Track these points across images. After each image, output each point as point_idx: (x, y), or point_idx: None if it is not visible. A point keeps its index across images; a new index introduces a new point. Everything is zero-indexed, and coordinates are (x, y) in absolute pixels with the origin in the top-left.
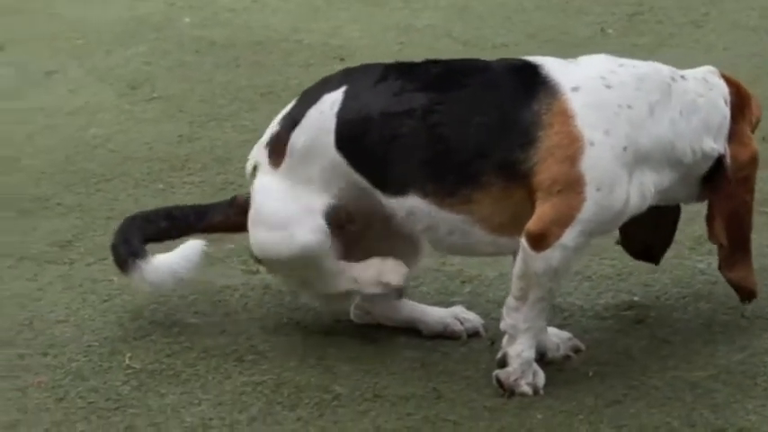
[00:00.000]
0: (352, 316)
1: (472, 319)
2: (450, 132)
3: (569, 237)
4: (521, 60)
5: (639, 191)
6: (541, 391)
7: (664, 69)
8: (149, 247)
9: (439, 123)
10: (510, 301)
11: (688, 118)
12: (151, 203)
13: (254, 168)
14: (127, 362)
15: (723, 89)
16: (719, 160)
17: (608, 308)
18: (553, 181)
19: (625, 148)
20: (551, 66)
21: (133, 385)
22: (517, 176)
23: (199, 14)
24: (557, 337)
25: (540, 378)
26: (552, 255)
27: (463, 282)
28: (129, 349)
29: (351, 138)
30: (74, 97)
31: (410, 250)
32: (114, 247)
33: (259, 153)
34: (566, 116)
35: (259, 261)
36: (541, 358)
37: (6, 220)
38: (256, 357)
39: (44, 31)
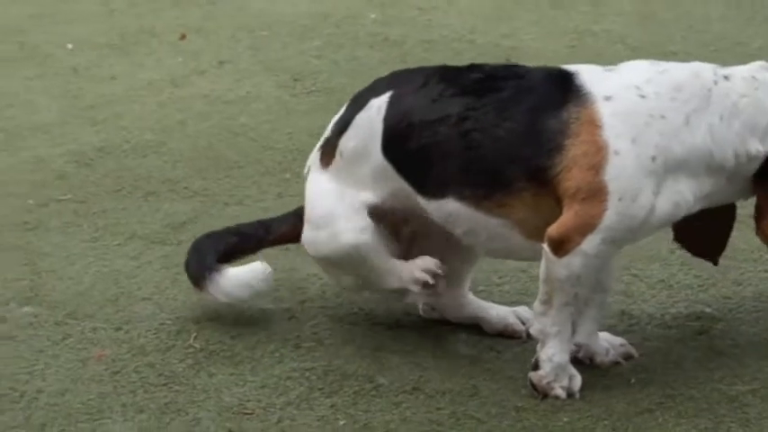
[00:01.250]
0: (420, 311)
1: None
2: (483, 138)
3: (590, 244)
4: (558, 68)
5: (671, 200)
6: (577, 395)
7: (705, 73)
8: None
9: (472, 129)
10: (537, 305)
11: (729, 122)
12: (272, 191)
13: (308, 172)
14: (191, 341)
15: None
16: None
17: (677, 317)
18: (577, 189)
19: (654, 158)
20: (587, 74)
21: (188, 364)
22: (545, 183)
23: (386, 11)
24: (607, 342)
25: (576, 382)
26: (572, 261)
27: None
28: (197, 330)
29: (395, 143)
30: (237, 86)
31: (465, 254)
32: (187, 264)
33: (312, 156)
34: (593, 125)
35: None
36: (591, 362)
37: (133, 200)
38: (314, 344)
39: (231, 23)
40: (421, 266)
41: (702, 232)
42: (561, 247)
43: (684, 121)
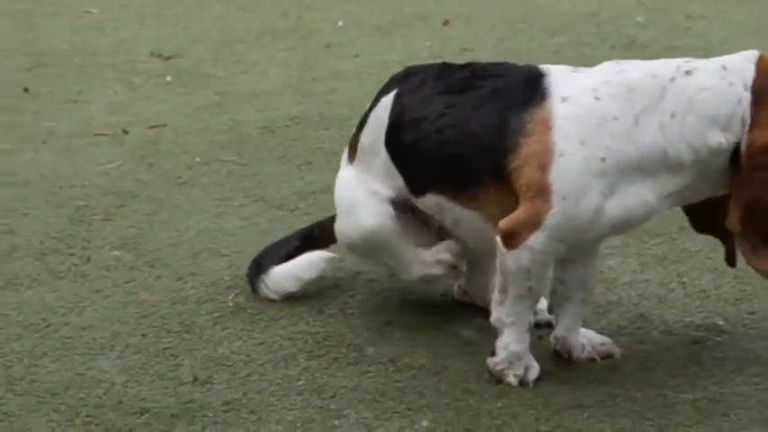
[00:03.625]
0: (454, 294)
1: (545, 310)
2: (455, 134)
3: (536, 240)
4: (535, 68)
5: (624, 203)
6: (530, 384)
7: (664, 71)
8: None
9: (448, 126)
10: (495, 294)
11: (682, 118)
12: None
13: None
14: (230, 297)
15: (745, 75)
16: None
17: (687, 326)
18: (527, 186)
19: (604, 159)
20: (556, 75)
21: (212, 317)
22: (505, 179)
23: (653, 16)
24: (586, 339)
25: (532, 372)
26: (521, 255)
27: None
28: (244, 288)
29: (393, 140)
30: None
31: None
32: (247, 275)
33: (343, 154)
34: (545, 126)
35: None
36: (568, 356)
37: (287, 168)
38: (336, 312)
39: (499, 13)
40: (443, 249)
41: (707, 211)
42: (510, 240)
43: (634, 122)
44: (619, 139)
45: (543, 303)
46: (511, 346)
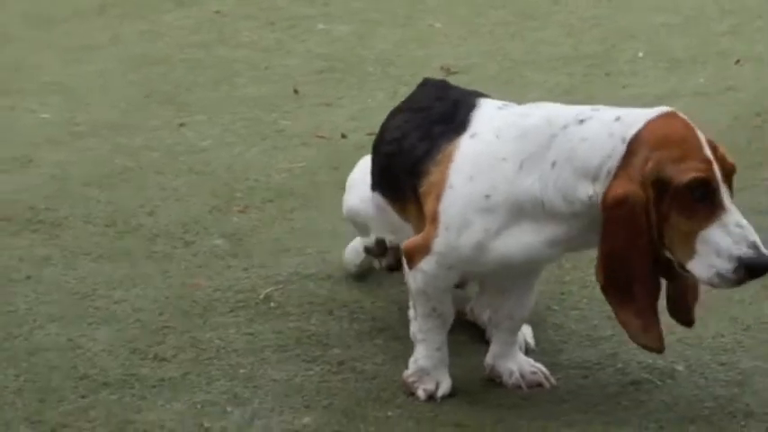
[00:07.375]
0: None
1: (526, 332)
2: (396, 148)
3: (427, 264)
4: (474, 98)
5: (508, 243)
6: (437, 399)
7: (561, 118)
8: None
9: (394, 139)
10: (411, 310)
11: (561, 169)
12: None
13: None
14: (266, 292)
15: (628, 130)
16: None
17: (645, 368)
18: (426, 212)
19: (487, 197)
20: (482, 109)
21: (235, 305)
22: (420, 200)
23: None
24: (517, 366)
25: (443, 388)
26: (416, 276)
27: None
28: (288, 287)
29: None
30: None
31: None
32: None
33: None
34: (449, 159)
35: None
36: (500, 382)
37: None
38: (343, 315)
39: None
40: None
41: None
42: (409, 260)
43: (519, 167)
44: (506, 181)
45: (528, 330)
46: (420, 360)
